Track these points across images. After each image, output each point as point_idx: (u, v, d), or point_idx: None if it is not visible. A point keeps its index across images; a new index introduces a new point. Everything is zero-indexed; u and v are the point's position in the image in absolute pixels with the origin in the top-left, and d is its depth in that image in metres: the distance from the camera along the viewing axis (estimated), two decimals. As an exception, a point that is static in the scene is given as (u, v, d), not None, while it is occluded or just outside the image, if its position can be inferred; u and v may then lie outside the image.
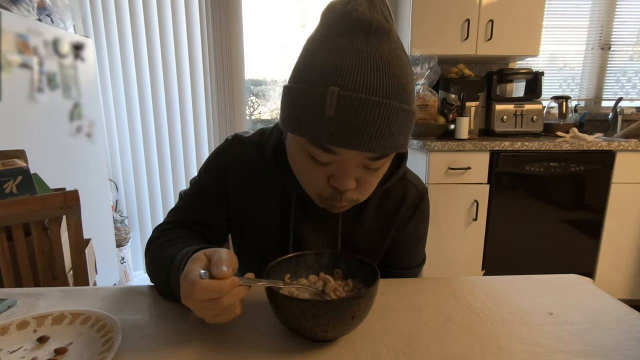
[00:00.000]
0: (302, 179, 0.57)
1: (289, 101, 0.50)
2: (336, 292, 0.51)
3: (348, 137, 0.45)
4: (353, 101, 0.44)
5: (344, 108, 0.44)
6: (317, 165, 0.51)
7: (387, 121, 0.45)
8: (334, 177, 0.52)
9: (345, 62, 0.45)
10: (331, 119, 0.45)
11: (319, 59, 0.47)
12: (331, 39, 0.47)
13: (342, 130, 0.45)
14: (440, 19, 2.06)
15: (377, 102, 0.44)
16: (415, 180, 0.71)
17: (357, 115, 0.44)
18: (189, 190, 0.71)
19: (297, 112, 0.48)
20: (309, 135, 0.48)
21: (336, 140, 0.45)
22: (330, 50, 0.46)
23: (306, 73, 0.48)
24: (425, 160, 1.90)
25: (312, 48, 0.49)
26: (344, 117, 0.44)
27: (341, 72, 0.45)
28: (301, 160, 0.53)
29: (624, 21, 2.48)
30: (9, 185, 1.08)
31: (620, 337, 0.49)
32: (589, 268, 2.02)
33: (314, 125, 0.46)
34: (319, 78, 0.46)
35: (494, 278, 0.67)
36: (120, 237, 2.23)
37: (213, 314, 0.44)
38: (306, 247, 0.66)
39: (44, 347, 0.46)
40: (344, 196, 0.53)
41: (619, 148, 1.87)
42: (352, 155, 0.49)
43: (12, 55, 1.36)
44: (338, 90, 0.44)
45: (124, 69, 2.20)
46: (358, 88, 0.44)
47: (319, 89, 0.45)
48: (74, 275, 0.99)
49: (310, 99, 0.46)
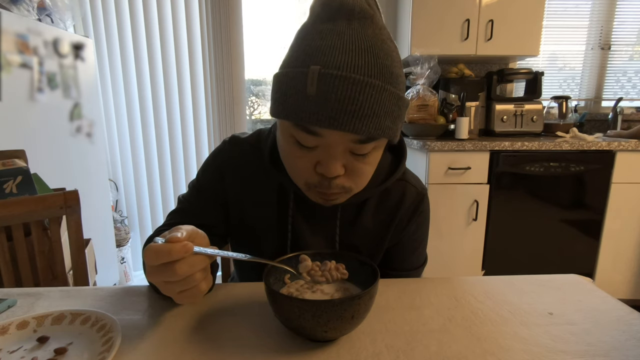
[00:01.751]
0: (289, 168, 0.56)
1: (275, 87, 0.51)
2: (328, 274, 0.52)
3: (330, 115, 0.45)
4: (333, 78, 0.44)
5: (324, 85, 0.44)
6: (303, 151, 0.51)
7: (369, 100, 0.45)
8: (320, 164, 0.51)
9: (327, 44, 0.46)
10: (313, 98, 0.45)
11: (303, 44, 0.48)
12: (316, 25, 0.48)
13: (324, 109, 0.45)
14: (440, 19, 2.06)
15: (358, 80, 0.44)
16: (414, 181, 0.71)
17: (337, 93, 0.44)
18: (187, 193, 0.71)
19: (282, 96, 0.48)
20: (292, 117, 0.48)
21: (318, 120, 0.45)
22: (314, 36, 0.47)
23: (291, 59, 0.49)
24: (425, 160, 1.90)
25: (298, 37, 0.51)
26: (325, 95, 0.44)
27: (322, 52, 0.45)
28: (288, 148, 0.53)
29: (624, 21, 2.48)
30: (9, 185, 1.08)
31: (620, 337, 0.49)
32: (589, 268, 2.02)
33: (296, 107, 0.46)
34: (303, 61, 0.47)
35: (494, 278, 0.67)
36: (120, 237, 2.23)
37: (176, 289, 0.42)
38: (304, 247, 0.66)
39: (44, 347, 0.46)
40: (333, 183, 0.52)
41: (619, 148, 1.87)
42: (336, 137, 0.48)
43: (12, 55, 1.36)
44: (319, 69, 0.44)
45: (124, 69, 2.20)
46: (339, 66, 0.44)
47: (300, 70, 0.46)
48: (74, 275, 0.99)
49: (293, 81, 0.47)
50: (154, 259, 0.40)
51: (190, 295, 0.43)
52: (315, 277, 0.52)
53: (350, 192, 0.56)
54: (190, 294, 0.43)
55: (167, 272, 0.41)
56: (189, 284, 0.42)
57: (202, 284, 0.44)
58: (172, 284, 0.42)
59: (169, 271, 0.41)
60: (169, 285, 0.42)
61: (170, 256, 0.40)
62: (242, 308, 0.56)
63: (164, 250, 0.40)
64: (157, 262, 0.41)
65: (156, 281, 0.43)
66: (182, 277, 0.41)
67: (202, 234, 0.46)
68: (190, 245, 0.42)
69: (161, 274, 0.41)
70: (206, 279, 0.44)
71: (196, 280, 0.43)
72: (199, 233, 0.46)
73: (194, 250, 0.42)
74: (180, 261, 0.41)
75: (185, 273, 0.41)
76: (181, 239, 0.42)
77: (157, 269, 0.41)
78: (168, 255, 0.40)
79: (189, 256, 0.41)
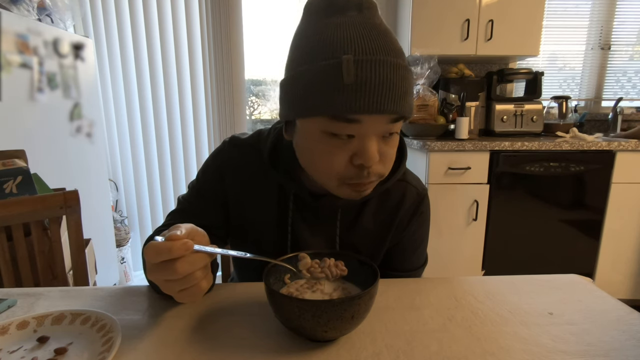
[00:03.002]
0: (319, 168, 0.54)
1: (295, 88, 0.50)
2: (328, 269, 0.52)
3: (371, 100, 0.45)
4: (369, 64, 0.45)
5: (362, 72, 0.45)
6: (338, 145, 0.50)
7: (401, 80, 0.47)
8: (357, 154, 0.50)
9: (348, 34, 0.46)
10: (351, 87, 0.45)
11: (316, 39, 0.48)
12: (324, 20, 0.49)
13: (365, 95, 0.45)
14: (440, 19, 2.06)
15: (390, 62, 0.46)
16: (415, 182, 0.71)
17: (377, 76, 0.45)
18: (187, 194, 0.71)
19: (312, 92, 0.48)
20: (329, 110, 0.47)
21: (360, 107, 0.46)
22: (326, 29, 0.48)
23: (307, 56, 0.49)
24: (425, 160, 1.90)
25: (304, 35, 0.50)
26: (365, 81, 0.45)
27: (347, 42, 0.46)
28: (320, 147, 0.52)
29: (624, 21, 2.48)
30: (9, 185, 1.08)
31: (620, 337, 0.49)
32: (589, 268, 2.02)
33: (332, 99, 0.46)
34: (325, 54, 0.46)
35: (494, 278, 0.67)
36: (120, 237, 2.23)
37: (176, 287, 0.42)
38: (304, 248, 0.66)
39: (44, 347, 0.46)
40: (371, 171, 0.52)
41: (619, 148, 1.87)
42: (373, 122, 0.48)
43: (12, 55, 1.36)
44: (352, 57, 0.45)
45: (124, 69, 2.20)
46: (370, 51, 0.46)
47: (329, 63, 0.46)
48: (74, 275, 0.99)
49: (323, 74, 0.46)
50: (155, 256, 0.40)
51: (191, 294, 0.43)
52: (315, 274, 0.52)
53: (382, 178, 0.56)
54: (190, 292, 0.43)
55: (168, 270, 0.41)
56: (189, 282, 0.42)
57: (202, 282, 0.43)
58: (173, 282, 0.42)
59: (169, 269, 0.41)
60: (170, 284, 0.42)
61: (170, 254, 0.40)
62: (242, 308, 0.56)
63: (165, 248, 0.40)
64: (157, 260, 0.40)
65: (156, 279, 0.43)
66: (183, 275, 0.41)
67: (202, 232, 0.46)
68: (191, 243, 0.41)
69: (162, 272, 0.41)
70: (207, 278, 0.44)
71: (197, 278, 0.43)
72: (198, 231, 0.46)
73: (195, 248, 0.42)
74: (180, 259, 0.41)
75: (186, 271, 0.41)
76: (181, 236, 0.41)
77: (157, 267, 0.41)
78: (168, 253, 0.40)
79: (189, 254, 0.41)
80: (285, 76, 0.53)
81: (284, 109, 0.54)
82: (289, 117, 0.53)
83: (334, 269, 0.53)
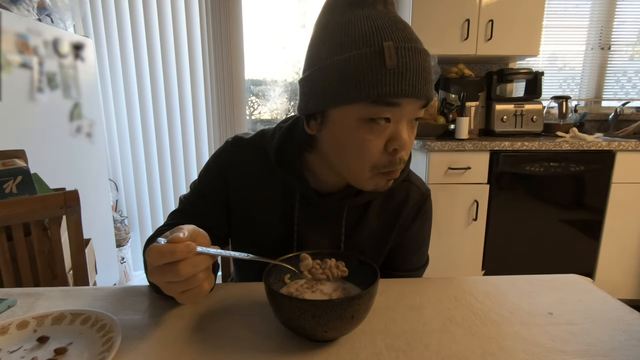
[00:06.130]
0: (355, 159, 0.55)
1: (327, 79, 0.51)
2: (330, 270, 0.52)
3: (410, 83, 0.49)
4: (408, 50, 0.49)
5: (403, 57, 0.48)
6: (375, 132, 0.52)
7: (429, 66, 0.51)
8: (392, 140, 0.52)
9: (382, 24, 0.50)
10: (393, 71, 0.48)
11: (349, 31, 0.51)
12: (356, 11, 0.52)
13: (405, 79, 0.48)
14: (440, 19, 2.06)
15: (422, 49, 0.51)
16: (418, 182, 0.71)
17: (415, 61, 0.49)
18: (188, 194, 0.71)
19: (353, 79, 0.49)
20: (373, 93, 0.49)
21: (402, 90, 0.48)
22: (357, 21, 0.51)
23: (340, 46, 0.51)
24: (425, 160, 1.90)
25: (336, 25, 0.52)
26: (405, 66, 0.48)
27: (385, 30, 0.49)
28: (358, 136, 0.52)
29: (624, 21, 2.48)
30: (9, 185, 1.08)
31: (620, 337, 0.49)
32: (589, 268, 2.02)
33: (376, 83, 0.48)
34: (366, 41, 0.49)
35: (494, 278, 0.67)
36: (120, 237, 2.23)
37: (179, 289, 0.42)
38: (310, 247, 0.66)
39: (44, 347, 0.46)
40: (400, 157, 0.54)
41: (619, 148, 1.87)
42: (409, 106, 0.51)
43: (12, 55, 1.36)
44: (393, 43, 0.48)
45: (124, 69, 2.20)
46: (405, 39, 0.49)
47: (371, 49, 0.48)
48: (74, 275, 0.99)
49: (365, 60, 0.48)
50: (157, 259, 0.40)
51: (193, 295, 0.43)
52: (316, 275, 0.52)
53: (404, 166, 0.57)
54: (192, 294, 0.43)
55: (170, 272, 0.41)
56: (191, 284, 0.42)
57: (204, 284, 0.44)
58: (175, 284, 0.42)
59: (172, 271, 0.41)
60: (172, 286, 0.42)
61: (173, 256, 0.40)
62: (242, 308, 0.56)
63: (167, 251, 0.40)
64: (160, 262, 0.41)
65: (159, 281, 0.43)
66: (185, 277, 0.41)
67: (203, 234, 0.46)
68: (194, 245, 0.42)
69: (164, 274, 0.41)
70: (209, 279, 0.44)
71: (199, 280, 0.43)
72: (200, 233, 0.46)
73: (197, 250, 0.42)
74: (183, 261, 0.41)
75: (189, 273, 0.41)
76: (184, 239, 0.42)
77: (160, 269, 0.41)
78: (171, 255, 0.40)
79: (191, 256, 0.41)
80: (311, 70, 0.54)
81: (312, 102, 0.54)
82: (318, 108, 0.54)
83: (335, 270, 0.53)
